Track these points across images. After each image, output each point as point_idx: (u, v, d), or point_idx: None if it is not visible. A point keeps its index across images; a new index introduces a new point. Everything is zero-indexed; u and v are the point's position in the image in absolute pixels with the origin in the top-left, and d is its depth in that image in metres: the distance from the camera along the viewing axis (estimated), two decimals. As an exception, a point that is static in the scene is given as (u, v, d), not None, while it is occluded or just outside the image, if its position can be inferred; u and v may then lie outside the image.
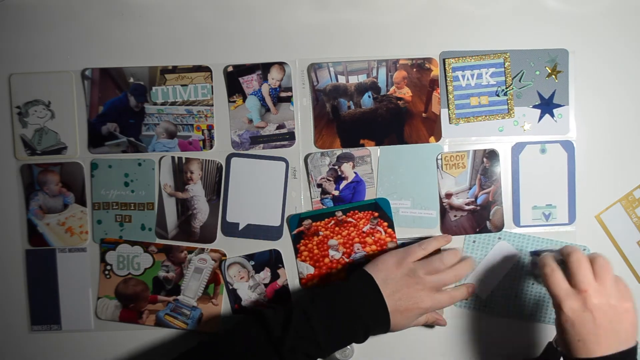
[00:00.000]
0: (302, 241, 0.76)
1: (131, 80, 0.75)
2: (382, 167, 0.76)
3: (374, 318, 0.66)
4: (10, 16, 0.75)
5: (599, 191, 0.76)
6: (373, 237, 0.75)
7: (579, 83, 0.75)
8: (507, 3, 0.75)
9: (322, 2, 0.75)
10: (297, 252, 0.76)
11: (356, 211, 0.75)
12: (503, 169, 0.76)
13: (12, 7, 0.75)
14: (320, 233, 0.75)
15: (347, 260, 0.76)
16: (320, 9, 0.75)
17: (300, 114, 0.76)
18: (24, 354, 0.78)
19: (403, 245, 0.74)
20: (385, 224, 0.75)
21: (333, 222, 0.75)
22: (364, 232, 0.75)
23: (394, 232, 0.76)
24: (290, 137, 0.76)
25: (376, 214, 0.75)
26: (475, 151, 0.76)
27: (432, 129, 0.76)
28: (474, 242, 0.76)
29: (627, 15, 0.75)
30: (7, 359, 0.78)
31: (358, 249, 0.75)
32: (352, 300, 0.67)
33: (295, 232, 0.76)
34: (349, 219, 0.75)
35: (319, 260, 0.76)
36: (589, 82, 0.75)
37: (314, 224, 0.75)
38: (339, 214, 0.75)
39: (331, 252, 0.76)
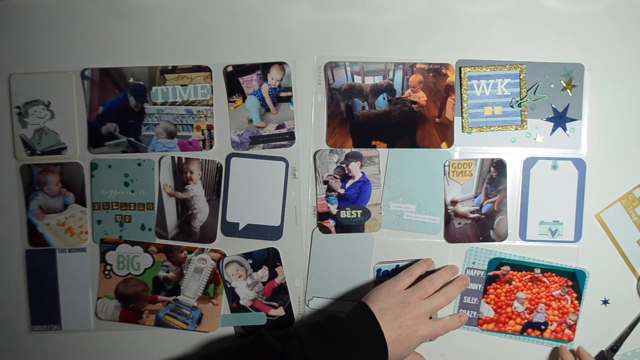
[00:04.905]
0: (494, 284, 0.76)
1: (131, 80, 0.75)
2: (389, 169, 0.76)
3: (371, 350, 0.66)
4: (10, 16, 0.75)
5: (599, 190, 0.76)
6: (558, 303, 0.75)
7: (594, 98, 0.75)
8: (525, 12, 0.75)
9: (323, 2, 0.75)
10: (485, 292, 0.76)
11: (553, 274, 0.75)
12: (513, 181, 0.76)
13: (12, 6, 0.75)
14: (513, 283, 0.76)
15: (527, 316, 0.76)
16: (321, 9, 0.75)
17: (314, 111, 0.76)
18: (24, 354, 0.78)
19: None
20: (575, 295, 0.75)
21: (529, 276, 0.75)
22: (552, 295, 0.75)
23: (579, 305, 0.75)
24: (290, 137, 0.76)
25: (570, 283, 0.75)
26: (482, 160, 0.75)
27: (444, 134, 0.75)
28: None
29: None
30: (7, 359, 0.78)
31: (541, 309, 0.76)
32: (349, 333, 0.66)
33: (491, 273, 0.76)
34: (544, 279, 0.75)
35: (502, 307, 0.76)
36: (602, 98, 0.75)
37: (510, 272, 0.75)
38: (537, 271, 0.75)
39: (516, 304, 0.76)
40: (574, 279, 0.75)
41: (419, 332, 0.68)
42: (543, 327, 0.76)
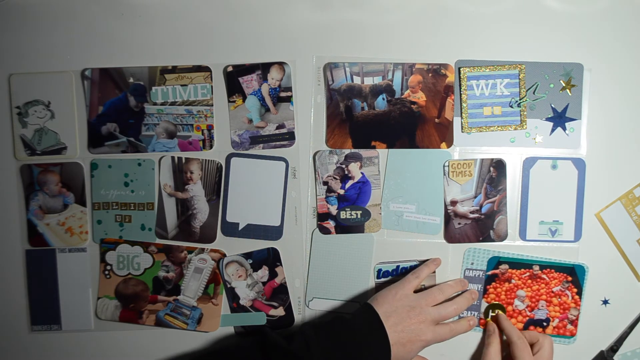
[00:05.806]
0: (493, 284, 0.76)
1: (131, 80, 0.75)
2: (389, 170, 0.76)
3: (374, 351, 0.66)
4: (10, 16, 0.75)
5: (599, 189, 0.76)
6: (559, 299, 0.76)
7: (593, 98, 0.75)
8: (525, 12, 0.75)
9: (323, 2, 0.75)
10: (485, 292, 0.76)
11: (552, 270, 0.75)
12: (513, 181, 0.76)
13: (13, 6, 0.75)
14: (512, 281, 0.76)
15: (528, 313, 0.76)
16: (322, 9, 0.75)
17: (314, 111, 0.76)
18: (24, 354, 0.78)
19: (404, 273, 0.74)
20: (575, 290, 0.75)
21: (528, 274, 0.75)
22: (552, 292, 0.76)
23: (580, 300, 0.76)
24: (290, 137, 0.76)
25: (570, 278, 0.75)
26: (482, 160, 0.75)
27: (444, 134, 0.75)
28: None
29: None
30: (7, 359, 0.78)
31: (542, 306, 0.76)
32: (353, 333, 0.67)
33: (490, 273, 0.76)
34: (543, 276, 0.75)
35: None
36: (601, 97, 0.75)
37: (509, 270, 0.76)
38: (536, 268, 0.75)
39: (516, 302, 0.76)
40: (574, 274, 0.75)
41: (422, 336, 0.68)
42: (545, 323, 0.76)
